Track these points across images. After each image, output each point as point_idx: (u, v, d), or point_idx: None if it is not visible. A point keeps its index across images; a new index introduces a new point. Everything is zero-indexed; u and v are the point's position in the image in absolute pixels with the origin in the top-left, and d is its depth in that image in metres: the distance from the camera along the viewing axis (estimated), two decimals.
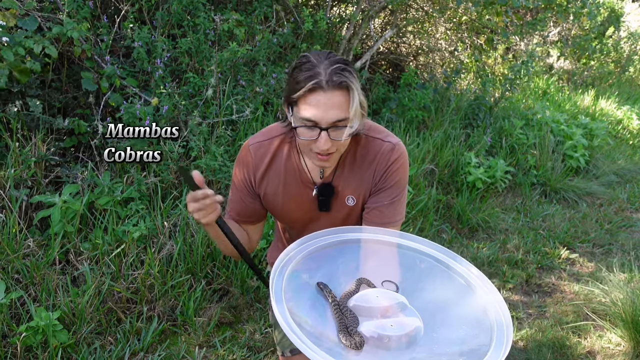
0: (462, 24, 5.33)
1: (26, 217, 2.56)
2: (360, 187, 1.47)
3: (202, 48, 3.26)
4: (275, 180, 1.49)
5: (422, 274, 1.28)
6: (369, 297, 1.13)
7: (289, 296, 1.07)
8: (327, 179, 1.47)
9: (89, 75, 2.95)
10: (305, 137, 1.28)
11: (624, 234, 3.95)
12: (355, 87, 1.25)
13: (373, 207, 1.46)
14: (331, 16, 4.39)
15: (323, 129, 1.25)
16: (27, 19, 2.74)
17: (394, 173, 1.45)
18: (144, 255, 2.51)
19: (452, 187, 4.10)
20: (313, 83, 1.22)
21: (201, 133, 2.96)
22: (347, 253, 1.29)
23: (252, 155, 1.48)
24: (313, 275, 1.19)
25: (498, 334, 1.05)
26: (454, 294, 1.23)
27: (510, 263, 3.32)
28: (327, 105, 1.23)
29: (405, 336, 1.03)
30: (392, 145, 1.45)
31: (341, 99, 1.24)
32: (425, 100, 4.41)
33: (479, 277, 1.19)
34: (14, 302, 2.16)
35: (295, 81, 1.25)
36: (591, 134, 5.63)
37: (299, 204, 1.50)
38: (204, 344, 2.33)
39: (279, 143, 1.48)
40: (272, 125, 1.53)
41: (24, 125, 2.75)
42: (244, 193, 1.51)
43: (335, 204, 1.49)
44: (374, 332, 1.03)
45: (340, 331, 1.04)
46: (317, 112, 1.23)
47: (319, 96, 1.23)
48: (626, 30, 9.18)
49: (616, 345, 2.57)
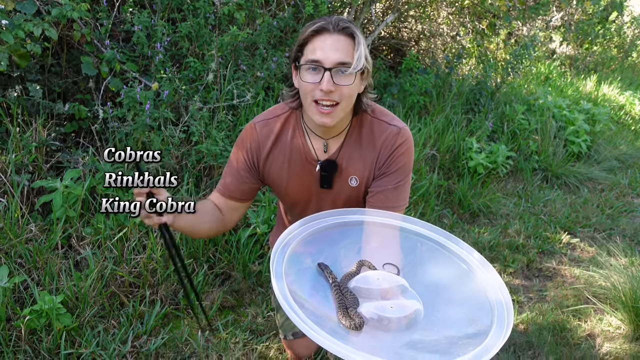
0: (464, 8, 5.28)
1: (28, 202, 2.56)
2: (364, 169, 1.47)
3: (202, 32, 3.24)
4: (280, 158, 1.49)
5: (423, 257, 1.28)
6: (370, 279, 1.13)
7: (291, 279, 1.07)
8: (331, 156, 1.47)
9: (88, 60, 2.93)
10: (310, 81, 1.30)
11: (625, 219, 3.95)
12: (361, 38, 1.30)
13: (377, 191, 1.46)
14: (332, 0, 4.34)
15: (327, 69, 1.27)
16: (26, 3, 2.72)
17: (398, 157, 1.45)
18: (146, 240, 2.52)
19: (453, 172, 4.10)
20: (319, 25, 1.29)
21: (202, 118, 2.95)
22: (349, 236, 1.29)
23: (257, 133, 1.49)
24: (315, 259, 1.19)
25: (499, 316, 1.05)
26: (454, 276, 1.23)
27: (512, 248, 3.33)
28: (331, 47, 1.27)
29: (405, 318, 1.03)
30: (397, 129, 1.45)
31: (346, 44, 1.29)
32: (427, 85, 4.39)
33: (480, 260, 1.20)
34: (18, 286, 2.17)
35: (303, 32, 1.32)
36: (593, 120, 5.61)
37: (302, 181, 1.50)
38: (206, 327, 2.34)
39: (284, 121, 1.49)
40: (275, 106, 1.54)
41: (25, 110, 2.75)
42: (244, 170, 1.51)
43: (338, 181, 1.48)
44: (374, 313, 1.02)
45: (340, 312, 1.03)
46: (322, 52, 1.28)
47: (325, 38, 1.28)
48: (629, 15, 9.10)
49: (616, 329, 2.59)
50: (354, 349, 0.88)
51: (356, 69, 1.29)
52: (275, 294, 0.98)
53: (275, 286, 0.99)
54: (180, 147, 2.93)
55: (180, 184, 2.80)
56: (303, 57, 1.32)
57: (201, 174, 2.98)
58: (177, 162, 2.92)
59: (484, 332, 1.02)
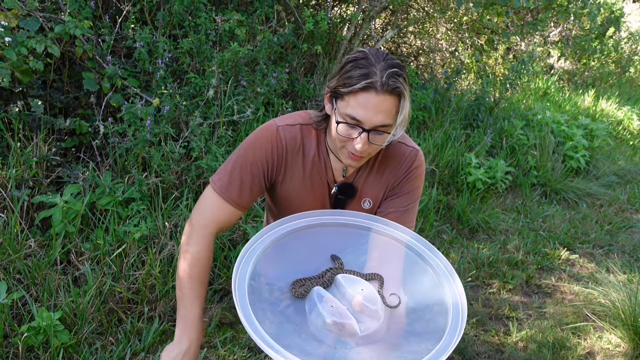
0: (462, 24, 5.34)
1: (27, 217, 2.57)
2: (379, 191, 1.45)
3: (203, 48, 3.27)
4: (300, 171, 1.40)
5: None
6: (354, 285, 1.19)
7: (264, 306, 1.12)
8: (349, 179, 1.43)
9: (90, 76, 2.95)
10: (344, 134, 1.24)
11: (624, 235, 3.95)
12: (407, 96, 1.23)
13: (389, 212, 1.43)
14: (332, 16, 4.39)
15: (365, 130, 1.22)
16: (29, 19, 2.75)
17: (413, 179, 1.44)
18: (145, 255, 2.51)
19: (452, 187, 4.11)
20: (367, 82, 1.18)
21: (202, 133, 2.96)
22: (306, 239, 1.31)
23: (282, 137, 1.37)
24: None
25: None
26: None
27: (511, 264, 3.32)
28: (376, 108, 1.20)
29: (344, 325, 1.10)
30: (415, 152, 1.44)
31: (390, 105, 1.21)
32: (426, 100, 4.42)
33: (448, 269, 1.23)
34: (16, 302, 2.17)
35: (348, 75, 1.20)
36: (591, 135, 5.64)
37: (315, 199, 1.44)
38: (204, 344, 2.33)
39: (307, 132, 1.40)
40: (297, 112, 1.44)
41: (26, 125, 2.76)
42: (253, 175, 1.37)
43: (351, 206, 1.46)
44: (335, 311, 1.11)
45: (298, 281, 1.19)
46: (365, 113, 1.20)
47: (370, 97, 1.19)
48: (627, 30, 9.18)
49: (616, 346, 2.58)
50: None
51: (395, 136, 1.25)
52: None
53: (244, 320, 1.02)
54: (180, 163, 2.94)
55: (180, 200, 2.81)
56: (343, 102, 1.23)
57: (201, 189, 2.99)
58: (177, 178, 2.93)
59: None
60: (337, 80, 1.24)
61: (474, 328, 2.67)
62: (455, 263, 3.19)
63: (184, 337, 1.26)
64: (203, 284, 1.33)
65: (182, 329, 1.28)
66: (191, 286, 1.31)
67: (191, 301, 1.30)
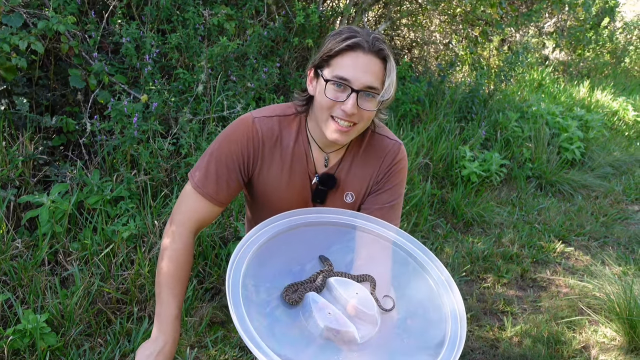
0: (456, 16, 5.29)
1: (14, 217, 2.52)
2: (362, 185, 1.42)
3: (192, 43, 3.22)
4: (278, 162, 1.37)
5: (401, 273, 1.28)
6: (348, 289, 1.15)
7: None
8: (330, 170, 1.40)
9: (76, 73, 2.90)
10: (333, 97, 1.22)
11: (620, 227, 3.94)
12: (393, 64, 1.24)
13: (374, 208, 1.41)
14: (323, 9, 4.34)
15: (354, 90, 1.21)
16: (12, 16, 2.69)
17: (397, 173, 1.42)
18: (134, 255, 2.48)
19: (446, 181, 4.08)
20: (354, 41, 1.20)
21: (192, 130, 2.92)
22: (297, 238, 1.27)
23: (258, 129, 1.34)
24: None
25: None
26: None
27: (505, 257, 3.30)
28: (363, 68, 1.21)
29: (339, 332, 1.07)
30: (398, 145, 1.43)
31: (377, 68, 1.22)
32: (419, 93, 4.38)
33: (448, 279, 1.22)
34: (1, 304, 2.13)
35: (334, 41, 1.22)
36: (587, 126, 5.61)
37: (298, 193, 1.41)
38: (195, 344, 2.30)
39: (287, 123, 1.37)
40: (275, 105, 1.42)
41: (11, 123, 2.71)
42: (229, 169, 1.34)
43: (332, 197, 1.43)
44: (333, 319, 1.08)
45: (290, 287, 1.13)
46: (354, 72, 1.20)
47: (358, 56, 1.20)
48: (621, 20, 9.15)
49: (611, 340, 2.56)
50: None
51: (383, 98, 1.24)
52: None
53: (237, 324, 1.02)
54: (170, 160, 2.90)
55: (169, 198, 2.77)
56: (329, 68, 1.23)
57: None
58: (166, 175, 2.88)
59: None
60: (321, 51, 1.26)
61: (468, 323, 2.64)
62: (450, 257, 3.17)
63: (160, 335, 1.25)
64: (182, 281, 1.32)
65: (158, 327, 1.26)
66: (168, 284, 1.29)
67: (168, 299, 1.28)
